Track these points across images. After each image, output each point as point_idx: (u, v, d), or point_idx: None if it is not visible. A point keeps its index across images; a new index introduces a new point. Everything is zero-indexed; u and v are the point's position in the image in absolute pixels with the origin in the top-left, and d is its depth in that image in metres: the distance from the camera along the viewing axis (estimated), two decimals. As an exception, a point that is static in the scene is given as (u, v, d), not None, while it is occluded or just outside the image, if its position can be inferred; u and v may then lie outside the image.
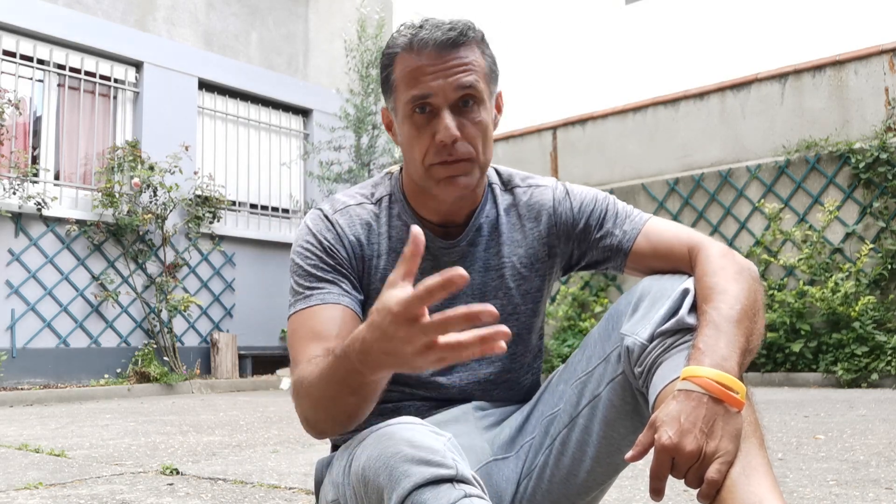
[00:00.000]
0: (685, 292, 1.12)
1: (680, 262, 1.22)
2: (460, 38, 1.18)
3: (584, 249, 1.32)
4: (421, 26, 1.19)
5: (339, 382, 1.00)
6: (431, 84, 1.16)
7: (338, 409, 1.06)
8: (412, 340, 0.85)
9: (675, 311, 1.10)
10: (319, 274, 1.22)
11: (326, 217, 1.27)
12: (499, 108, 1.29)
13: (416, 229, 0.88)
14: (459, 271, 0.82)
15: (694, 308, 1.10)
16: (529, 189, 1.34)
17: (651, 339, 1.09)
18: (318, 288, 1.21)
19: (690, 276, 1.17)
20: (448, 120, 1.16)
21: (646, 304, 1.14)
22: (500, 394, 1.33)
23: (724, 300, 1.07)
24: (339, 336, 1.13)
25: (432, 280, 0.82)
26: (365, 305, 1.25)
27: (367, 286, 1.26)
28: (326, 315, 1.18)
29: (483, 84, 1.20)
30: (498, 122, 1.30)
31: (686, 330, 1.08)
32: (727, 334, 1.03)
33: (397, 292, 0.86)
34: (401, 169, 1.34)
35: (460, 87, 1.17)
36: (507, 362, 1.31)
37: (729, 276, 1.12)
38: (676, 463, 0.95)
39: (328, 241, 1.24)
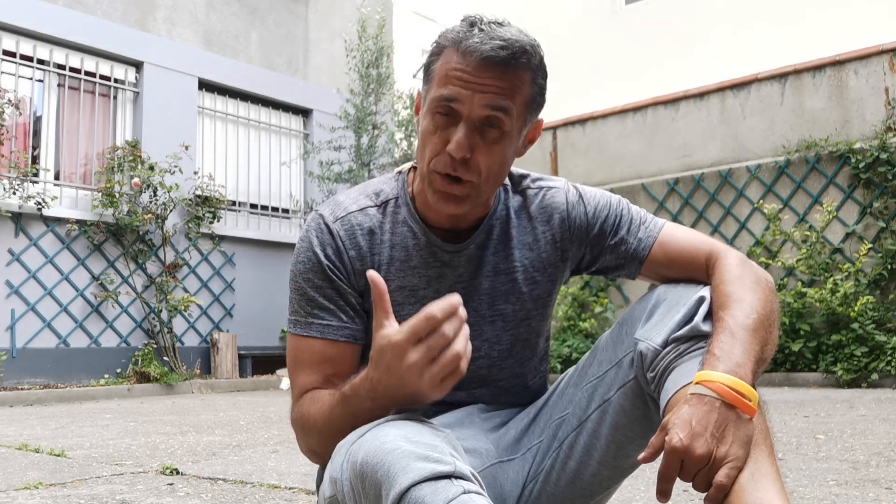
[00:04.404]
0: (701, 300, 1.12)
1: (696, 271, 1.21)
2: (510, 61, 1.11)
3: (597, 254, 1.30)
4: (480, 27, 1.13)
5: (349, 420, 1.05)
6: (462, 91, 1.11)
7: None
8: (418, 363, 0.95)
9: (690, 318, 1.10)
10: (321, 300, 1.21)
11: (327, 226, 1.23)
12: (532, 139, 1.24)
13: (373, 274, 0.99)
14: (456, 299, 0.95)
15: (709, 316, 1.10)
16: (541, 191, 1.30)
17: (665, 344, 1.09)
18: (318, 317, 1.21)
19: (707, 284, 1.17)
20: (461, 134, 1.11)
21: (661, 311, 1.14)
22: (509, 398, 1.32)
23: (740, 308, 1.07)
24: (337, 375, 1.18)
25: (433, 309, 0.94)
26: (368, 320, 1.24)
27: (368, 298, 1.23)
28: (327, 352, 1.20)
29: (516, 111, 1.14)
30: (524, 153, 1.25)
31: (700, 337, 1.08)
32: (742, 341, 1.03)
33: (388, 331, 0.97)
34: (410, 168, 1.31)
35: (488, 106, 1.12)
36: (517, 367, 1.30)
37: (746, 285, 1.11)
38: (685, 465, 0.95)
39: (329, 259, 1.21)
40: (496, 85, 1.12)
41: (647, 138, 8.12)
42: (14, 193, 6.87)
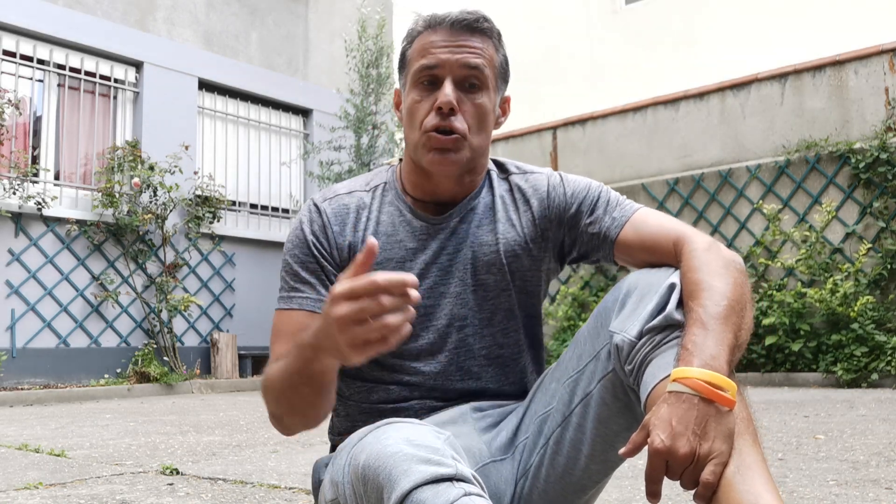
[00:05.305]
0: (672, 287, 1.12)
1: (665, 256, 1.22)
2: (475, 24, 1.26)
3: (575, 237, 1.33)
4: (440, 11, 1.28)
5: (297, 373, 1.07)
6: (440, 56, 1.24)
7: (297, 400, 1.13)
8: (343, 318, 0.90)
9: (662, 307, 1.10)
10: (302, 274, 1.29)
11: (317, 206, 1.33)
12: (504, 111, 1.35)
13: (372, 240, 0.94)
14: (410, 278, 0.89)
15: (681, 303, 1.10)
16: (525, 175, 1.39)
17: (640, 336, 1.09)
18: (299, 291, 1.29)
19: (677, 269, 1.16)
20: (448, 88, 1.23)
21: (633, 300, 1.14)
22: (495, 373, 1.33)
23: (710, 297, 1.07)
24: None
25: (378, 276, 0.89)
26: None
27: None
28: (305, 323, 1.23)
29: (490, 73, 1.27)
30: (501, 124, 1.35)
31: (674, 326, 1.08)
32: (715, 332, 1.02)
33: (339, 284, 0.93)
34: (400, 160, 1.39)
35: (466, 66, 1.24)
36: (500, 336, 1.33)
37: (714, 270, 1.11)
38: (670, 466, 0.95)
39: (314, 234, 1.30)
40: (468, 46, 1.25)
41: (647, 138, 8.12)
42: (14, 193, 6.87)
